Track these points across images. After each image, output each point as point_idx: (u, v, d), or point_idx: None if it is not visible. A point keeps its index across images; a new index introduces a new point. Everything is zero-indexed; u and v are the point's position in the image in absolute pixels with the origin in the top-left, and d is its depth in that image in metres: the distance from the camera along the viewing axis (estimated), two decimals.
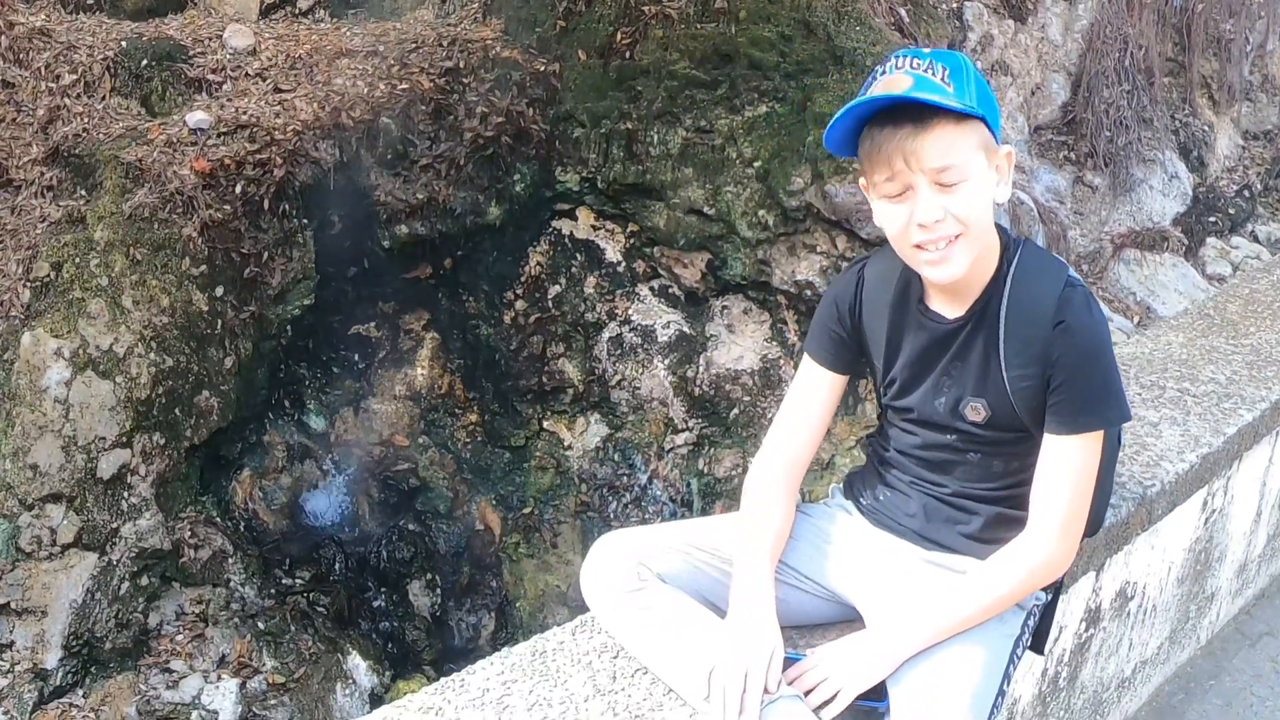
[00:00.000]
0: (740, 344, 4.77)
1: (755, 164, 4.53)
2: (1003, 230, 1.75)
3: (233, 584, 4.28)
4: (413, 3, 5.59)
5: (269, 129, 4.49)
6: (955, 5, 5.70)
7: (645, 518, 4.83)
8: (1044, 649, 1.88)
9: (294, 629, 4.30)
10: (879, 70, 1.64)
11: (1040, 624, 1.81)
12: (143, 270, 4.20)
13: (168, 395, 4.17)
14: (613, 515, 4.89)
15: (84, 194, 4.42)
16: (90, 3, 5.58)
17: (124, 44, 4.92)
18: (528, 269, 5.03)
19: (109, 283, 4.15)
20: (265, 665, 4.17)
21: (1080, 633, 2.41)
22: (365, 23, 5.41)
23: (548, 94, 4.86)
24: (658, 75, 4.67)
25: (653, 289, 4.90)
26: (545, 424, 5.03)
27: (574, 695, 1.68)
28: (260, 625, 4.26)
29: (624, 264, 4.93)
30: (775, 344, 4.71)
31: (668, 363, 4.85)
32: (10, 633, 3.87)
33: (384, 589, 4.80)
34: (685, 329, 4.85)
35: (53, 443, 3.97)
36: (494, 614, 4.95)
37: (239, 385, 4.45)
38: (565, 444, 5.01)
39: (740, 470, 4.68)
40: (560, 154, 4.86)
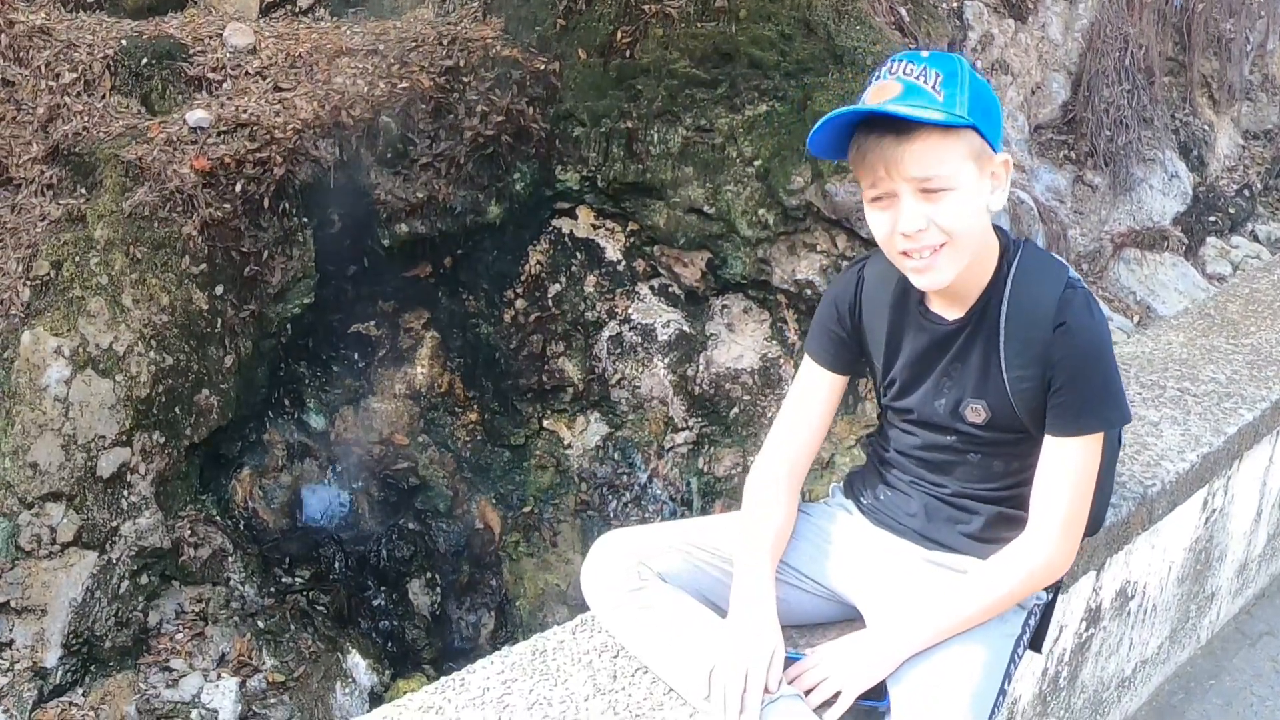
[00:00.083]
0: (740, 343, 4.77)
1: (755, 163, 4.53)
2: (1003, 232, 1.75)
3: (232, 583, 4.28)
4: (413, 1, 5.58)
5: (269, 127, 4.49)
6: (955, 4, 5.70)
7: (645, 517, 4.83)
8: (1043, 648, 1.88)
9: (294, 628, 4.31)
10: (874, 75, 1.64)
11: (1040, 623, 1.81)
12: (143, 269, 4.20)
13: (168, 394, 4.17)
14: (613, 514, 4.89)
15: (84, 192, 4.41)
16: (90, 1, 5.58)
17: (124, 42, 4.92)
18: (528, 268, 5.02)
19: (109, 281, 4.15)
20: (265, 664, 4.17)
21: (1080, 632, 2.41)
22: (365, 21, 5.41)
23: (548, 93, 4.86)
24: (658, 74, 4.67)
25: (653, 288, 4.90)
26: (545, 423, 5.03)
27: (574, 694, 1.68)
28: (260, 624, 4.26)
29: (624, 263, 4.93)
30: (775, 343, 4.71)
31: (668, 362, 4.85)
32: (10, 631, 3.87)
33: (384, 588, 4.80)
34: (685, 328, 4.85)
35: (52, 441, 3.97)
36: (494, 613, 4.95)
37: (239, 384, 4.45)
38: (565, 443, 5.01)
39: (740, 469, 4.68)
40: (560, 153, 4.86)
